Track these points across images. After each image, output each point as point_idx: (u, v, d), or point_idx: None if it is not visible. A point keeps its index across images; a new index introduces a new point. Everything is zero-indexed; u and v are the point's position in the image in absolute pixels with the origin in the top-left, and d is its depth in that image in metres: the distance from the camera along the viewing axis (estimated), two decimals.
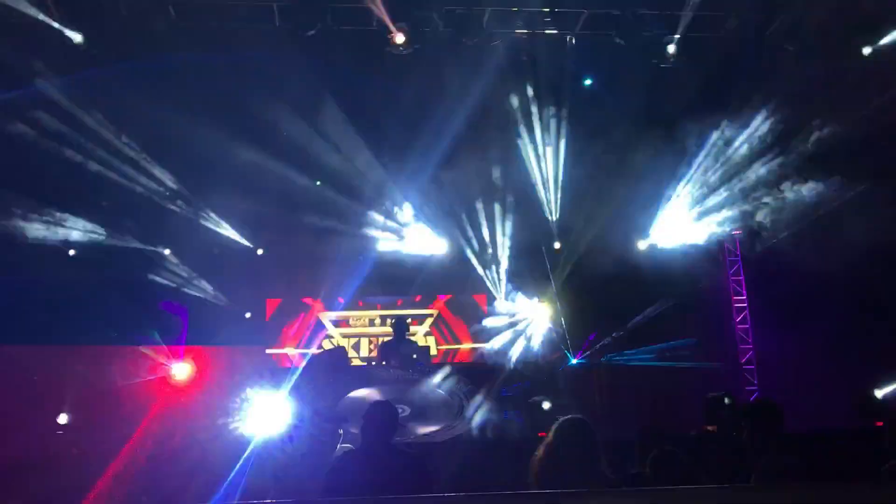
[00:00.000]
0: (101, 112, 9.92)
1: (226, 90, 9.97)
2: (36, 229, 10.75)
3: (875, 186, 9.96)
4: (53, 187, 10.73)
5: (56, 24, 8.30)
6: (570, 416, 4.12)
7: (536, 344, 12.14)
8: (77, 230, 11.12)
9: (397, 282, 12.98)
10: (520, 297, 12.60)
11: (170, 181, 11.07)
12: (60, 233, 11.00)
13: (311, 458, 4.99)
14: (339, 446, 5.02)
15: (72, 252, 11.34)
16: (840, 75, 10.08)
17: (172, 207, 11.33)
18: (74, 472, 7.87)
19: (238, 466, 5.74)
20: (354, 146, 11.05)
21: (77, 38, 8.37)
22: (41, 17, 8.23)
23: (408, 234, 12.74)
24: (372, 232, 12.58)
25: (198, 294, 11.91)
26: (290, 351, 12.86)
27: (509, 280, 12.61)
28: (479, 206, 12.40)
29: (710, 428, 6.89)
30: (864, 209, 9.88)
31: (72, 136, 9.82)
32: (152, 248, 11.79)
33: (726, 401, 6.87)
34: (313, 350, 12.63)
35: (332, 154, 11.03)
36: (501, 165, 11.92)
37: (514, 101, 10.87)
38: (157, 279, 11.59)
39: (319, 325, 13.11)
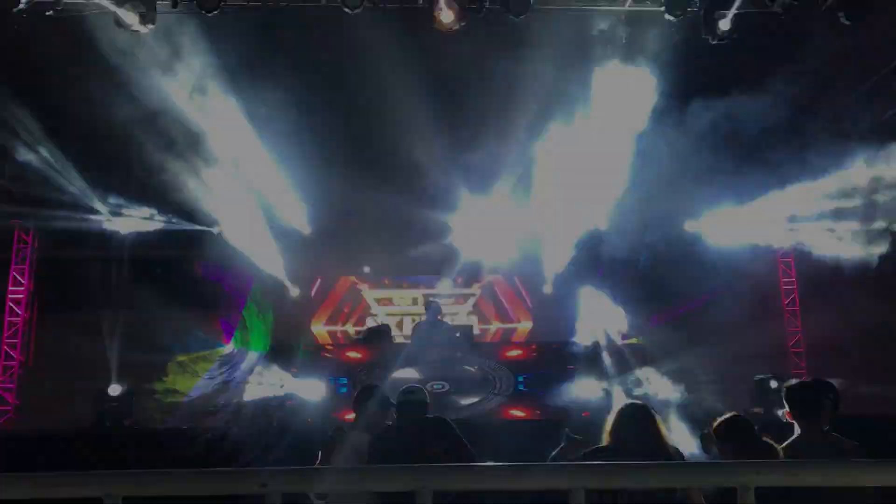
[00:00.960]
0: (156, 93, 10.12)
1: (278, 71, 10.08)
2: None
3: None
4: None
5: (112, 8, 8.43)
6: (630, 402, 4.15)
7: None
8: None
9: (446, 261, 13.00)
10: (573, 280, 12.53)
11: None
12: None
13: None
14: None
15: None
16: None
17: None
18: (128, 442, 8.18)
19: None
20: (404, 125, 11.05)
21: (133, 20, 8.50)
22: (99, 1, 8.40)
23: (458, 213, 12.74)
24: (422, 211, 12.60)
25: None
26: (328, 328, 13.05)
27: (565, 259, 12.49)
28: (529, 187, 12.29)
29: (756, 410, 6.84)
30: None
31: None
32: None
33: (773, 384, 6.81)
34: (352, 326, 12.81)
35: (382, 134, 11.07)
36: (551, 146, 11.77)
37: (567, 79, 10.69)
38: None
39: (362, 301, 13.25)
